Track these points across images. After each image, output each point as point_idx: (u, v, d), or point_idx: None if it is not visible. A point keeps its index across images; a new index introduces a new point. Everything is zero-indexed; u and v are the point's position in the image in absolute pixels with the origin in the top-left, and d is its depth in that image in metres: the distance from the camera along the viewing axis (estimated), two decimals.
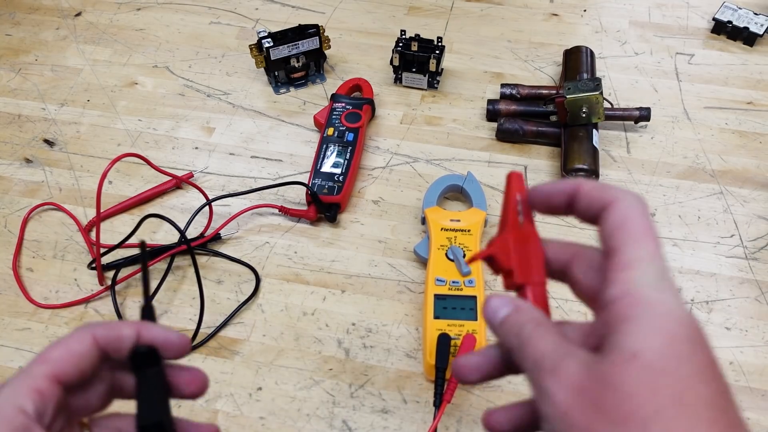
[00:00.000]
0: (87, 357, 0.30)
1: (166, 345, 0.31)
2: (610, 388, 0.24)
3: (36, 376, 0.29)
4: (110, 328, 0.31)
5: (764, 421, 0.51)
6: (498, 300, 0.31)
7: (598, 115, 0.65)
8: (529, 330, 0.28)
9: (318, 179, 0.63)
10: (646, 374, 0.24)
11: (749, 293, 0.58)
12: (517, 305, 0.30)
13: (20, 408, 0.27)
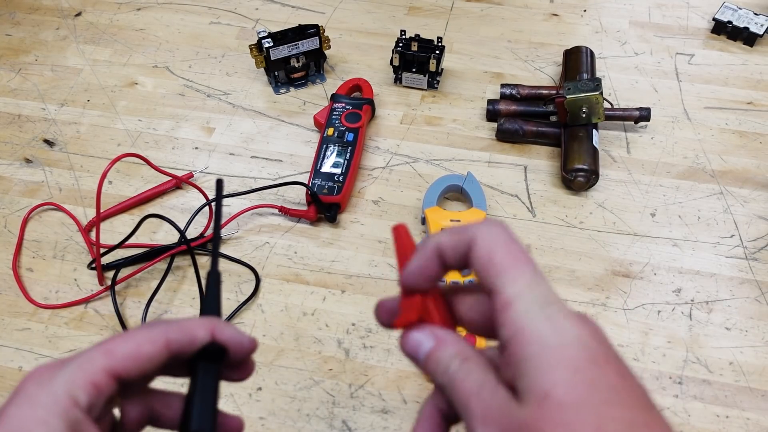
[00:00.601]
0: (155, 361, 0.28)
1: (237, 347, 0.30)
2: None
3: (96, 368, 0.27)
4: (185, 331, 0.29)
5: (764, 421, 0.51)
6: (419, 333, 0.29)
7: (598, 116, 0.65)
8: (456, 367, 0.27)
9: (318, 179, 0.63)
10: (561, 413, 0.24)
11: (749, 293, 0.58)
12: (438, 337, 0.29)
13: (75, 399, 0.26)
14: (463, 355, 0.28)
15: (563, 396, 0.24)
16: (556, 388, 0.24)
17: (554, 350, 0.25)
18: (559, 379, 0.24)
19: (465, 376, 0.27)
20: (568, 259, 0.60)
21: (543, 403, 0.24)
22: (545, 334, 0.25)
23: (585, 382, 0.24)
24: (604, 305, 0.57)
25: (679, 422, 0.51)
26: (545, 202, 0.64)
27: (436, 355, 0.28)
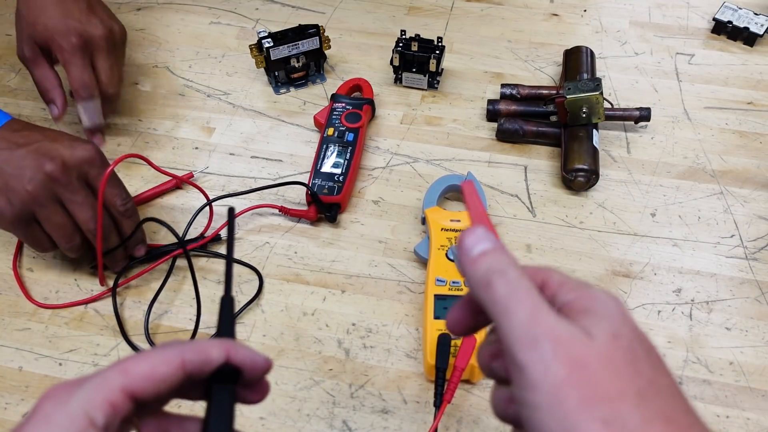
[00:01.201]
0: (170, 381, 0.29)
1: (251, 367, 0.30)
2: (605, 366, 0.25)
3: (112, 388, 0.27)
4: (200, 352, 0.29)
5: (765, 421, 0.51)
6: (483, 232, 0.29)
7: (598, 116, 0.65)
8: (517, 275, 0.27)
9: (318, 179, 0.63)
10: (629, 355, 0.26)
11: (749, 293, 0.58)
12: (501, 244, 0.29)
13: (92, 419, 0.26)
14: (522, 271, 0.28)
15: (627, 344, 0.26)
16: (622, 336, 0.26)
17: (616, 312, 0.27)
18: (624, 332, 0.27)
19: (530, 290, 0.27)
20: (568, 259, 0.60)
21: (614, 341, 0.26)
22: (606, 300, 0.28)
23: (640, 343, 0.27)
24: None
25: None
26: (545, 202, 0.64)
27: (496, 255, 0.28)
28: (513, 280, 0.27)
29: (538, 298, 0.27)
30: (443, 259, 0.57)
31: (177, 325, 0.57)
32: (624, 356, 0.26)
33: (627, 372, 0.25)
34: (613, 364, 0.25)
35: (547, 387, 0.25)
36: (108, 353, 0.56)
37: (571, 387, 0.24)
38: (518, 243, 0.61)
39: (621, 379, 0.25)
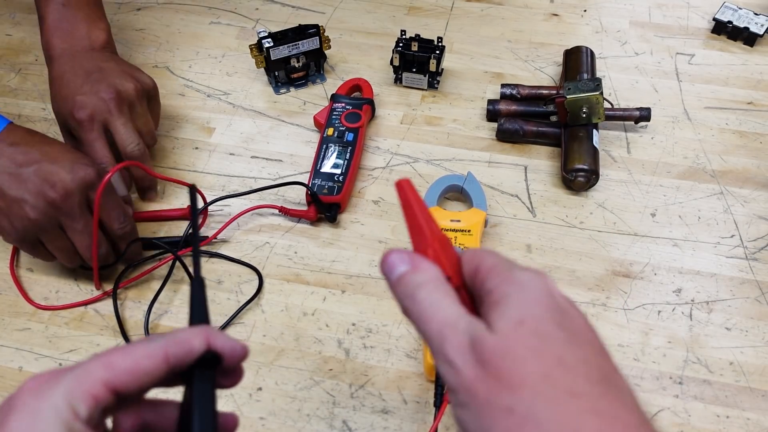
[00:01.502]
0: (154, 375, 0.29)
1: (231, 354, 0.31)
2: (506, 357, 0.27)
3: (95, 380, 0.28)
4: (182, 344, 0.29)
5: (765, 421, 0.51)
6: (396, 255, 0.31)
7: (599, 116, 0.65)
8: (426, 293, 0.30)
9: (318, 179, 0.63)
10: (532, 340, 0.27)
11: (749, 293, 0.58)
12: (415, 263, 0.31)
13: (75, 411, 0.27)
14: (435, 283, 0.30)
15: (536, 325, 0.27)
16: (530, 319, 0.27)
17: (532, 292, 0.29)
18: (535, 312, 0.28)
19: (439, 304, 0.29)
20: (568, 259, 0.60)
21: (517, 328, 0.27)
22: (526, 281, 0.29)
23: (553, 321, 0.28)
24: (605, 305, 0.57)
25: (679, 422, 0.51)
26: (545, 202, 0.64)
27: (407, 278, 0.30)
28: (421, 302, 0.30)
29: (447, 310, 0.29)
30: None
31: (177, 325, 0.57)
32: (527, 342, 0.27)
33: (530, 357, 0.26)
34: (514, 353, 0.27)
35: (461, 389, 0.27)
36: None
37: (479, 383, 0.27)
38: (518, 243, 0.61)
39: (523, 366, 0.26)
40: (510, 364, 0.26)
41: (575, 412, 0.26)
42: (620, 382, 0.27)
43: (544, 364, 0.26)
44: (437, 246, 0.31)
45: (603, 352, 0.28)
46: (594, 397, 0.26)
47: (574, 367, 0.26)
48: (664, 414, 0.52)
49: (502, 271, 0.30)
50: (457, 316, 0.29)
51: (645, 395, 0.53)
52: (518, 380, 0.26)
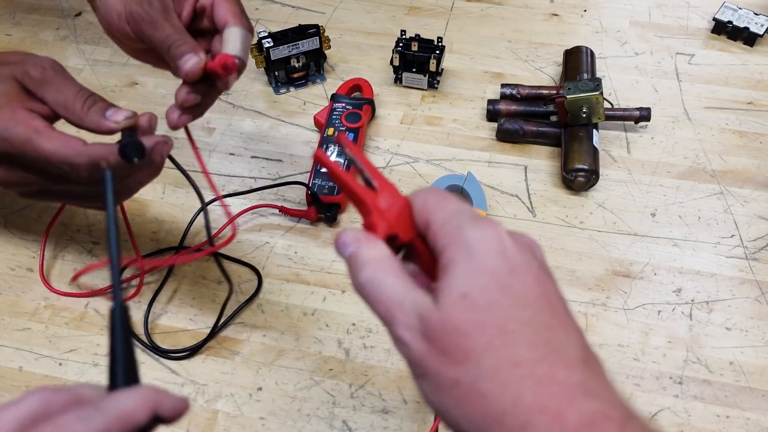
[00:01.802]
0: None
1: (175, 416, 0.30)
2: (450, 332, 0.27)
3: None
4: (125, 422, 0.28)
5: (765, 421, 0.51)
6: (346, 236, 0.32)
7: (599, 116, 0.65)
8: (371, 272, 0.30)
9: (318, 179, 0.63)
10: (474, 313, 0.27)
11: (749, 293, 0.58)
12: (360, 244, 0.31)
13: None
14: (378, 262, 0.30)
15: (478, 298, 0.27)
16: (473, 291, 0.28)
17: (479, 256, 0.28)
18: (477, 284, 0.28)
19: (381, 283, 0.30)
20: (568, 259, 0.60)
21: (460, 302, 0.27)
22: (473, 242, 0.29)
23: (499, 287, 0.28)
24: (605, 305, 0.57)
25: (679, 422, 0.51)
26: (545, 202, 0.64)
27: (354, 257, 0.31)
28: (367, 281, 0.30)
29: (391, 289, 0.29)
30: None
31: (177, 325, 0.57)
32: (469, 316, 0.27)
33: (473, 331, 0.27)
34: (457, 328, 0.27)
35: (415, 362, 0.29)
36: None
37: (429, 358, 0.28)
38: None
39: (467, 340, 0.27)
40: (454, 339, 0.27)
41: (515, 380, 0.26)
42: (564, 340, 0.28)
43: (486, 335, 0.27)
44: (376, 210, 0.31)
45: (553, 307, 0.28)
46: (532, 363, 0.27)
47: (517, 333, 0.27)
48: (664, 414, 0.52)
49: (452, 231, 0.29)
50: (402, 294, 0.29)
51: (645, 395, 0.53)
52: (462, 354, 0.27)
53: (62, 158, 0.40)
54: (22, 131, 0.40)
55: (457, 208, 0.30)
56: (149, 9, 0.45)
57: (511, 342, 0.27)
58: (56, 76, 0.43)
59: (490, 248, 0.29)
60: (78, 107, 0.42)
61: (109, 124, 0.41)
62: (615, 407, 0.26)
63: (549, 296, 0.29)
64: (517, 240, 0.30)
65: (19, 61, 0.44)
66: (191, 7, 0.48)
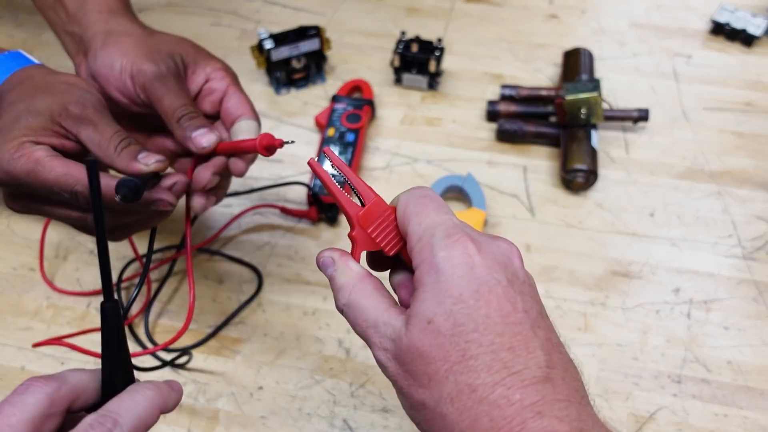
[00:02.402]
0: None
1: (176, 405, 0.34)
2: (416, 357, 0.29)
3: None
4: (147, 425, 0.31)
5: (762, 419, 0.51)
6: (323, 259, 0.34)
7: (597, 116, 0.65)
8: (347, 296, 0.32)
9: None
10: (438, 339, 0.28)
11: (747, 293, 0.58)
12: (336, 266, 0.33)
13: None
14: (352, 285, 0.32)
15: (442, 324, 0.28)
16: (437, 317, 0.29)
17: (445, 281, 0.29)
18: (441, 309, 0.29)
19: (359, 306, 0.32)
20: (567, 259, 0.61)
21: (425, 327, 0.29)
22: (441, 263, 0.29)
23: (463, 312, 0.28)
24: (603, 305, 0.58)
25: (677, 421, 0.52)
26: (545, 202, 0.65)
27: (333, 278, 0.33)
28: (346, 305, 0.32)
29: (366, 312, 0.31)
30: None
31: (177, 324, 0.57)
32: (434, 341, 0.28)
33: (437, 356, 0.28)
34: (422, 353, 0.29)
35: (391, 381, 0.31)
36: None
37: (401, 379, 0.30)
38: (518, 243, 0.61)
39: (431, 366, 0.28)
40: (419, 364, 0.29)
41: (472, 404, 0.28)
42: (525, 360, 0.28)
43: (448, 361, 0.28)
44: (359, 226, 0.33)
45: (517, 327, 0.29)
46: (490, 387, 0.28)
47: (477, 358, 0.28)
48: (662, 413, 0.52)
49: (423, 248, 0.30)
50: (375, 317, 0.31)
51: (643, 394, 0.53)
52: (426, 379, 0.29)
53: (63, 187, 0.40)
54: (24, 163, 0.40)
55: (430, 222, 0.31)
56: (164, 71, 0.45)
57: (470, 367, 0.28)
58: (95, 115, 0.42)
59: (456, 270, 0.29)
60: (111, 149, 0.42)
61: (139, 166, 0.41)
62: (566, 423, 0.27)
63: (516, 314, 0.29)
64: (489, 254, 0.30)
65: (65, 90, 0.43)
66: (198, 87, 0.47)
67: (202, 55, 0.48)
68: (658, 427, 0.51)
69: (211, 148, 0.44)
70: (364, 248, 0.33)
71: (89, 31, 0.48)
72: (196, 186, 0.44)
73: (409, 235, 0.31)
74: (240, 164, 0.45)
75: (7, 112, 0.42)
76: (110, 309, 0.31)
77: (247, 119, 0.46)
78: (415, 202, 0.32)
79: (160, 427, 0.52)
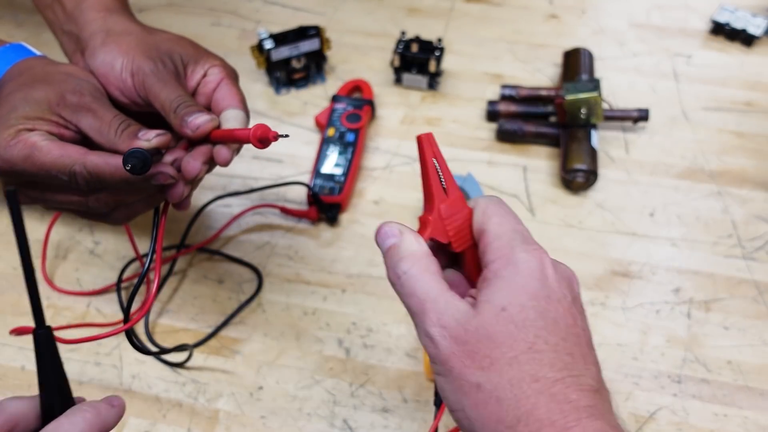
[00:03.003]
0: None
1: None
2: (482, 339, 0.30)
3: None
4: None
5: (762, 419, 0.51)
6: (389, 228, 0.34)
7: (597, 116, 0.65)
8: (409, 265, 0.32)
9: (319, 180, 0.64)
10: (509, 327, 0.30)
11: (747, 293, 0.58)
12: (402, 236, 0.33)
13: None
14: (416, 259, 0.32)
15: (515, 314, 0.30)
16: (512, 306, 0.30)
17: (523, 277, 0.31)
18: (518, 300, 0.30)
19: (418, 279, 0.32)
20: (567, 259, 0.60)
21: (499, 314, 0.30)
22: (521, 263, 0.31)
23: (536, 309, 0.30)
24: (604, 305, 0.58)
25: (677, 421, 0.52)
26: (545, 202, 0.65)
27: (393, 250, 0.33)
28: (404, 274, 0.32)
29: (426, 287, 0.31)
30: None
31: (178, 324, 0.57)
32: (505, 328, 0.30)
33: (505, 342, 0.29)
34: (491, 337, 0.30)
35: (439, 361, 0.31)
36: (110, 352, 0.56)
37: (455, 359, 0.30)
38: None
39: (497, 350, 0.29)
40: (484, 347, 0.29)
41: (532, 393, 0.29)
42: (582, 369, 0.30)
43: (515, 349, 0.29)
44: (438, 214, 0.33)
45: (578, 337, 0.31)
46: (551, 382, 0.29)
47: (543, 353, 0.29)
48: (662, 413, 0.52)
49: (502, 247, 0.32)
50: (437, 293, 0.31)
51: (643, 394, 0.53)
52: (489, 362, 0.29)
53: (60, 168, 0.40)
54: (21, 149, 0.40)
55: (512, 227, 0.33)
56: (162, 69, 0.45)
57: (536, 359, 0.29)
58: (93, 102, 0.42)
59: (533, 272, 0.31)
60: (112, 132, 0.42)
61: (141, 143, 0.41)
62: (617, 430, 0.29)
63: (576, 328, 0.31)
64: (558, 270, 0.32)
65: (62, 80, 0.44)
66: (196, 83, 0.47)
67: (201, 54, 0.48)
68: (658, 427, 0.51)
69: (207, 129, 0.43)
70: (434, 235, 0.33)
71: (87, 30, 0.48)
72: (187, 176, 0.43)
73: (486, 232, 0.32)
74: (224, 152, 0.43)
75: (6, 102, 0.43)
76: (42, 336, 0.32)
77: (234, 109, 0.46)
78: (495, 206, 0.33)
79: (159, 427, 0.52)
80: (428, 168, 0.33)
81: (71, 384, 0.32)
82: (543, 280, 0.31)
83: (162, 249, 0.46)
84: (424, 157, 0.33)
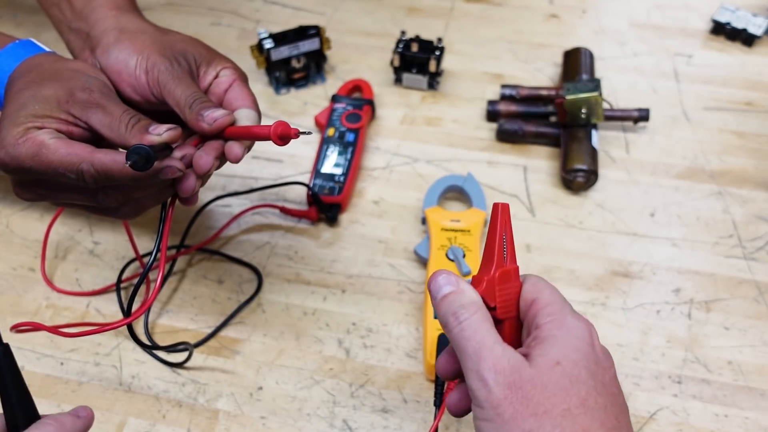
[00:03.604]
0: None
1: None
2: (537, 387, 0.31)
3: None
4: None
5: (763, 420, 0.51)
6: (444, 277, 0.35)
7: (598, 116, 0.65)
8: (468, 315, 0.34)
9: (319, 180, 0.64)
10: (564, 380, 0.31)
11: (748, 293, 0.58)
12: (460, 287, 0.35)
13: None
14: (476, 307, 0.34)
15: (569, 369, 0.32)
16: (566, 361, 0.32)
17: (575, 339, 0.33)
18: (572, 357, 0.32)
19: (478, 327, 0.33)
20: (567, 259, 0.61)
21: (554, 367, 0.32)
22: (572, 327, 0.33)
23: (587, 368, 0.32)
24: (604, 305, 0.58)
25: (678, 421, 0.52)
26: (545, 202, 0.65)
27: (451, 297, 0.35)
28: (462, 321, 0.34)
29: (485, 334, 0.33)
30: (443, 259, 0.57)
31: (178, 324, 0.57)
32: (559, 380, 0.31)
33: (558, 393, 0.31)
34: (545, 386, 0.31)
35: (489, 406, 0.31)
36: (110, 352, 0.56)
37: (507, 405, 0.31)
38: (518, 243, 0.61)
39: (550, 399, 0.31)
40: (539, 394, 0.31)
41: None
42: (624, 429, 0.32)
43: (568, 401, 0.31)
44: (494, 278, 0.35)
45: (622, 407, 0.33)
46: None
47: (594, 410, 0.31)
48: (662, 413, 0.52)
49: (555, 312, 0.34)
50: (493, 341, 0.33)
51: (644, 394, 0.53)
52: (543, 409, 0.30)
53: (68, 167, 0.40)
54: (29, 147, 0.40)
55: (562, 299, 0.35)
56: (177, 67, 0.45)
57: (587, 415, 0.31)
58: (102, 98, 0.42)
59: (584, 337, 0.33)
60: (122, 128, 0.41)
61: (151, 138, 0.40)
62: None
63: (621, 398, 0.33)
64: (603, 347, 0.35)
65: (71, 77, 0.43)
66: (208, 84, 0.47)
67: (213, 55, 0.48)
68: (658, 428, 0.51)
69: (223, 123, 0.43)
70: (484, 295, 0.35)
71: (98, 28, 0.48)
72: (199, 171, 0.43)
73: (539, 300, 0.35)
74: (236, 148, 0.43)
75: (15, 100, 0.42)
76: (1, 352, 0.32)
77: (247, 109, 0.46)
78: (546, 282, 0.36)
79: (159, 427, 0.52)
80: (497, 235, 0.36)
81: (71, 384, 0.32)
82: (591, 345, 0.33)
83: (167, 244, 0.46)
84: (495, 224, 0.36)
